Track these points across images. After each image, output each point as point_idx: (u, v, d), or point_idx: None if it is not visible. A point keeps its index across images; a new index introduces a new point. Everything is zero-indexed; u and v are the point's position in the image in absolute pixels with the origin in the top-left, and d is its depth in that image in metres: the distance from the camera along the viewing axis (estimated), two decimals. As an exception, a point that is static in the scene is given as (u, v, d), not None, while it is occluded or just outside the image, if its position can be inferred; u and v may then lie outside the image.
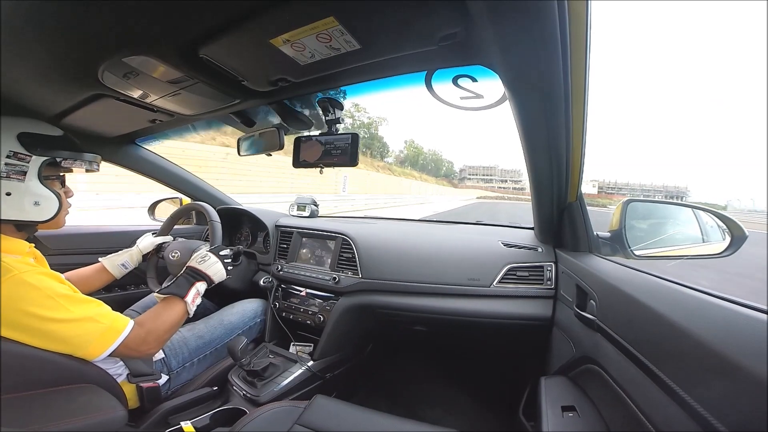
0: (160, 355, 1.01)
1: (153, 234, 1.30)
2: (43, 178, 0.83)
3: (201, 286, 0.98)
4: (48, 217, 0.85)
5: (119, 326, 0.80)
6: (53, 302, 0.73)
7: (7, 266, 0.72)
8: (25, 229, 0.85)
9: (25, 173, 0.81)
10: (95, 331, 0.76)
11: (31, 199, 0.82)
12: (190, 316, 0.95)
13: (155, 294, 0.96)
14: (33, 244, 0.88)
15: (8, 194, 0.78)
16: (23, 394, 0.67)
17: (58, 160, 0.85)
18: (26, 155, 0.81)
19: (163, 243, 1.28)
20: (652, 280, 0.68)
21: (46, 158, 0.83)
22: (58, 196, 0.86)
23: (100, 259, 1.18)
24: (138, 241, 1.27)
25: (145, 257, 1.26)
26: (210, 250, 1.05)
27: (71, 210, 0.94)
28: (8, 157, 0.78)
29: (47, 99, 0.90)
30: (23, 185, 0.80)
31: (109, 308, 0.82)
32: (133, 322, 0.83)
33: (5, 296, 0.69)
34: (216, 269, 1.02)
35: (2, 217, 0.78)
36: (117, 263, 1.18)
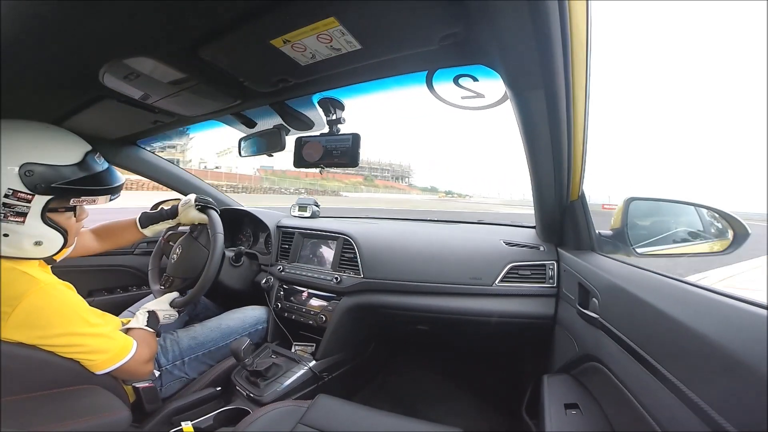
0: None
1: (196, 206, 1.21)
2: (47, 214, 0.74)
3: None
4: (50, 254, 0.79)
5: (128, 345, 0.83)
6: (75, 316, 0.75)
7: (34, 278, 0.73)
8: None
9: (24, 215, 0.71)
10: (109, 346, 0.79)
11: (31, 240, 0.74)
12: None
13: (141, 327, 0.95)
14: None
15: (5, 235, 0.71)
16: (29, 396, 0.68)
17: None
18: (28, 194, 0.70)
19: (200, 224, 1.26)
20: (655, 277, 0.67)
21: (51, 197, 0.73)
22: (64, 233, 0.79)
23: (141, 214, 1.19)
24: (181, 211, 1.21)
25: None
26: (177, 310, 1.08)
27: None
28: (6, 196, 0.68)
29: (48, 102, 0.90)
30: (22, 227, 0.72)
31: (119, 332, 0.85)
32: (137, 344, 0.85)
33: (30, 307, 0.70)
34: (168, 322, 1.07)
35: (1, 254, 0.73)
36: (156, 230, 1.21)
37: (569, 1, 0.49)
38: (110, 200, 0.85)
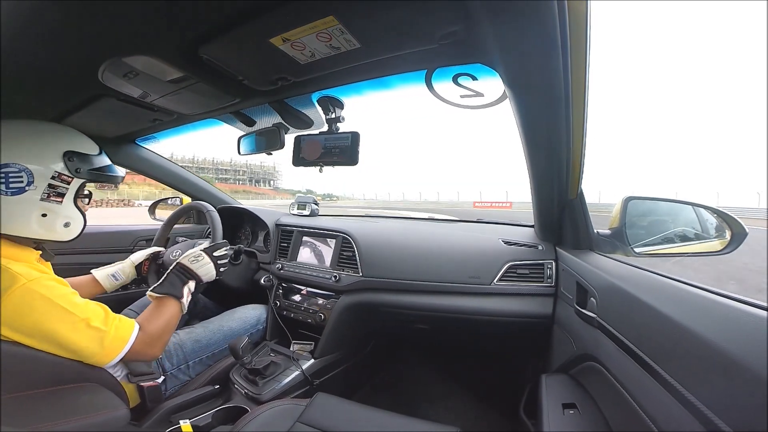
0: None
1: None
2: (75, 198, 0.83)
3: (192, 284, 0.98)
4: (73, 237, 0.85)
5: (125, 334, 0.80)
6: (62, 312, 0.72)
7: (15, 275, 0.70)
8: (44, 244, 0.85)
9: (63, 195, 0.80)
10: (104, 339, 0.76)
11: (62, 221, 0.82)
12: (184, 312, 0.95)
13: (148, 293, 0.94)
14: (40, 252, 0.85)
15: (44, 215, 0.78)
16: (28, 393, 0.68)
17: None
18: (69, 177, 0.80)
19: (159, 252, 1.23)
20: (653, 277, 0.68)
21: (84, 180, 0.83)
22: (84, 215, 0.87)
23: (92, 271, 1.13)
24: (131, 255, 1.20)
25: (139, 269, 1.19)
26: (204, 250, 1.02)
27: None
28: (53, 178, 0.78)
29: (48, 99, 0.90)
30: (60, 207, 0.80)
31: (114, 315, 0.81)
32: (138, 326, 0.83)
33: (15, 306, 0.69)
34: (207, 270, 1.00)
35: (32, 236, 0.78)
36: (108, 273, 1.13)
37: (569, 1, 0.49)
38: (116, 188, 0.98)
